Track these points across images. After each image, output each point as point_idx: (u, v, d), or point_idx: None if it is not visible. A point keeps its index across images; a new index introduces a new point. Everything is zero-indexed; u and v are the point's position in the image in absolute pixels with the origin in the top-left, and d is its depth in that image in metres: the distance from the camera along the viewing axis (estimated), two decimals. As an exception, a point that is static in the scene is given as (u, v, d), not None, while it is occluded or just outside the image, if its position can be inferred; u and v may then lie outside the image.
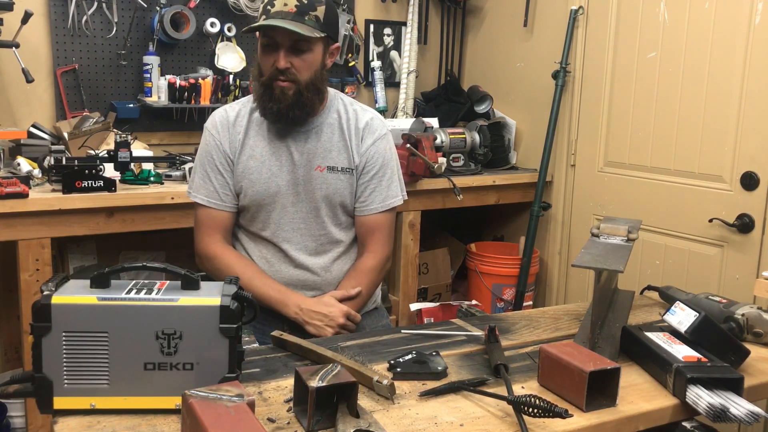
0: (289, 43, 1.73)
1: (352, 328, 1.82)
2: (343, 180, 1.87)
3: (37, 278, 2.31)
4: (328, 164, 1.86)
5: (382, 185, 1.90)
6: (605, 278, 1.59)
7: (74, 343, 1.16)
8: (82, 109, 2.91)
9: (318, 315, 1.79)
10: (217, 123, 1.87)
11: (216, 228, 1.88)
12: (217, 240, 1.88)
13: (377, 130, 1.90)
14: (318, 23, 1.74)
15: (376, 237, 1.92)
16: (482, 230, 3.70)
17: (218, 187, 1.86)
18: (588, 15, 2.99)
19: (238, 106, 1.90)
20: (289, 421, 1.18)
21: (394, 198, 1.93)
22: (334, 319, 1.78)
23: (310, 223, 1.88)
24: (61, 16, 2.84)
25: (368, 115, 1.92)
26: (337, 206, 1.88)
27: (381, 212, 1.91)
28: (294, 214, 1.87)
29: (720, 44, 2.47)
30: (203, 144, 1.89)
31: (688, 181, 2.61)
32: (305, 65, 1.75)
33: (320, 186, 1.85)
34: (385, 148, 1.91)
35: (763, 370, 1.47)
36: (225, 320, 1.18)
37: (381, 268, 1.94)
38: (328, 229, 1.89)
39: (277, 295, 1.83)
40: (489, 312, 3.03)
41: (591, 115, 3.00)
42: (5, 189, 2.22)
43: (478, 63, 3.69)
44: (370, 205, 1.90)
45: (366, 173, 1.89)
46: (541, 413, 1.15)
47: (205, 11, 3.09)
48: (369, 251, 1.92)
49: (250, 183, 1.84)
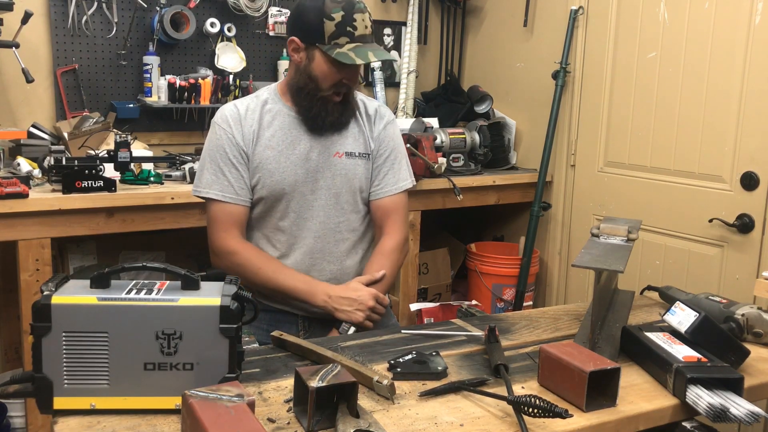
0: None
1: (381, 311, 1.82)
2: (360, 165, 1.90)
3: (37, 278, 2.31)
4: (346, 150, 1.89)
5: (395, 168, 1.95)
6: (605, 278, 1.59)
7: (74, 343, 1.16)
8: (82, 109, 2.91)
9: (347, 300, 1.79)
10: (228, 117, 1.86)
11: (232, 223, 1.85)
12: (234, 235, 1.85)
13: (386, 116, 1.98)
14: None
15: (392, 218, 1.94)
16: (482, 230, 3.70)
17: (233, 181, 1.84)
18: (588, 15, 2.99)
19: (247, 101, 1.90)
20: (289, 421, 1.18)
21: (406, 180, 1.98)
22: (363, 303, 1.78)
23: (329, 210, 1.88)
24: (61, 16, 2.84)
25: (375, 103, 2.01)
26: (357, 192, 1.91)
27: (395, 194, 1.95)
28: (313, 201, 1.87)
29: (720, 44, 2.47)
30: (213, 139, 1.86)
31: (688, 181, 2.61)
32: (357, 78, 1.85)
33: (340, 172, 1.88)
34: (394, 132, 1.98)
35: (763, 370, 1.47)
36: (225, 320, 1.18)
37: (401, 248, 1.95)
38: (348, 216, 1.90)
39: (303, 285, 1.82)
40: (489, 312, 3.03)
41: (591, 115, 3.00)
42: (5, 189, 2.22)
43: (478, 63, 3.69)
44: (385, 187, 1.94)
45: (380, 157, 1.94)
46: (541, 413, 1.15)
47: (205, 11, 3.09)
48: (387, 233, 1.94)
49: (269, 173, 1.83)
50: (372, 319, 1.79)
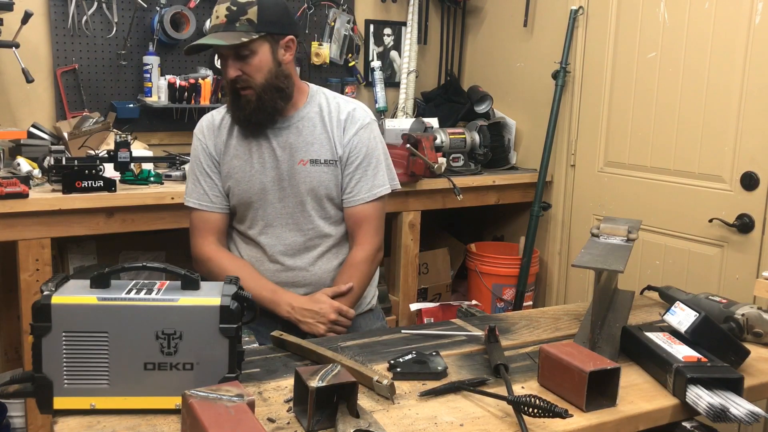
0: (231, 52, 1.76)
1: (344, 323, 1.82)
2: (327, 172, 1.87)
3: (37, 278, 2.31)
4: (310, 157, 1.86)
5: (368, 175, 1.90)
6: (605, 278, 1.59)
7: (74, 343, 1.16)
8: (82, 109, 2.91)
9: (309, 312, 1.80)
10: (204, 127, 1.92)
11: (209, 230, 1.90)
12: (210, 242, 1.90)
13: (359, 120, 1.89)
14: (252, 25, 1.75)
15: (364, 228, 1.91)
16: (482, 230, 3.70)
17: (207, 190, 1.88)
18: (588, 15, 2.99)
19: (224, 110, 1.92)
20: (289, 421, 1.18)
21: (381, 187, 1.92)
22: (324, 316, 1.79)
23: (298, 217, 1.88)
24: (61, 16, 2.84)
25: (351, 106, 1.92)
26: (324, 199, 1.88)
27: (368, 202, 1.90)
28: (281, 209, 1.88)
29: (720, 44, 2.47)
30: (192, 149, 1.93)
31: (688, 181, 2.61)
32: (253, 69, 1.77)
33: (304, 180, 1.86)
34: (369, 137, 1.91)
35: (763, 370, 1.47)
36: (225, 320, 1.18)
37: (372, 260, 1.92)
38: (316, 223, 1.89)
39: (269, 295, 1.83)
40: (489, 312, 3.03)
41: (591, 115, 3.00)
42: (5, 189, 2.22)
43: (478, 63, 3.69)
44: (357, 195, 1.89)
45: (350, 164, 1.89)
46: (541, 413, 1.15)
47: (205, 11, 3.09)
48: (358, 244, 1.92)
49: (236, 182, 1.86)
50: (335, 331, 1.79)
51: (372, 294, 2.03)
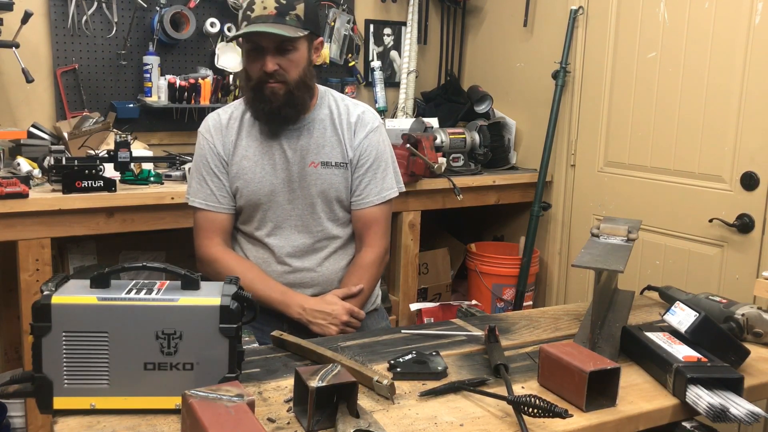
0: (274, 45, 1.74)
1: (356, 325, 1.82)
2: (337, 175, 1.87)
3: (37, 278, 2.31)
4: (321, 160, 1.86)
5: (377, 178, 1.91)
6: (605, 278, 1.59)
7: (74, 343, 1.16)
8: (82, 109, 2.91)
9: (321, 314, 1.80)
10: (210, 127, 1.89)
11: (215, 231, 1.89)
12: (216, 243, 1.88)
13: (369, 123, 1.90)
14: (300, 21, 1.74)
15: (373, 230, 1.92)
16: (482, 230, 3.70)
17: (215, 190, 1.87)
18: (588, 15, 2.99)
19: (230, 109, 1.91)
20: (289, 421, 1.18)
21: (390, 190, 1.93)
22: (337, 317, 1.79)
23: (307, 219, 1.88)
24: (61, 16, 2.84)
25: (360, 109, 1.92)
26: (333, 201, 1.89)
27: (377, 205, 1.91)
28: (291, 211, 1.87)
29: (720, 44, 2.47)
30: (198, 149, 1.90)
31: (688, 181, 2.61)
32: (293, 65, 1.76)
33: (315, 182, 1.86)
34: (378, 140, 1.92)
35: (763, 370, 1.47)
36: (225, 320, 1.18)
37: (380, 261, 1.94)
38: (324, 225, 1.89)
39: (279, 296, 1.83)
40: (489, 312, 3.03)
41: (591, 115, 3.00)
42: (5, 189, 2.22)
43: (478, 63, 3.69)
44: (366, 198, 1.90)
45: (360, 167, 1.89)
46: (541, 413, 1.15)
47: (205, 11, 3.09)
48: (367, 245, 1.92)
49: (245, 183, 1.85)
50: (346, 332, 1.79)
51: (377, 294, 2.04)
